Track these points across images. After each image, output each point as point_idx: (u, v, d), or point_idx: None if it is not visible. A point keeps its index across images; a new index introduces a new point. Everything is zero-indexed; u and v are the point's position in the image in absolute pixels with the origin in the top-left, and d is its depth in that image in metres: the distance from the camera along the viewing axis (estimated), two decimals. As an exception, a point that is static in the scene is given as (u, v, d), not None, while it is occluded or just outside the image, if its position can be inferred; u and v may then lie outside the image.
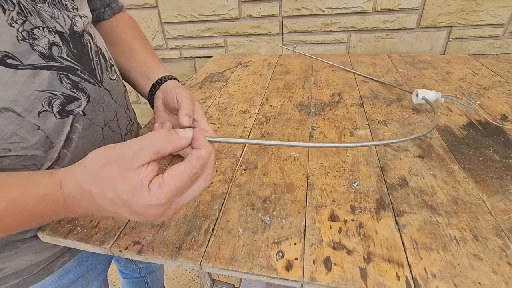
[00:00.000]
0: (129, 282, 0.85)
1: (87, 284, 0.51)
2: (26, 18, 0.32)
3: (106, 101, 0.42)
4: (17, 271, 0.40)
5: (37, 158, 0.35)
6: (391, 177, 0.44)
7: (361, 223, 0.37)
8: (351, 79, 0.80)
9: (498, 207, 0.38)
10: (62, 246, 0.43)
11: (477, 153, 0.48)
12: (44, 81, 0.33)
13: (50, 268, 0.43)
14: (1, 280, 0.39)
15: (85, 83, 0.38)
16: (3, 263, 0.38)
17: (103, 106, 0.42)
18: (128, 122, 0.50)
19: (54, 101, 0.34)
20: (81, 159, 0.28)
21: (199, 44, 1.17)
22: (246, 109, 0.67)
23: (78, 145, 0.39)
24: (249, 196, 0.42)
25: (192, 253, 0.34)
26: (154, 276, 0.86)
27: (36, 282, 0.42)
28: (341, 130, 0.56)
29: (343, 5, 0.96)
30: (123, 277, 0.84)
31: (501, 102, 0.63)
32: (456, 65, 0.85)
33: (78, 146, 0.39)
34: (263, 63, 0.95)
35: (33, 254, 0.40)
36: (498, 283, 0.30)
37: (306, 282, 0.31)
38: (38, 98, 0.33)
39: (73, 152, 0.38)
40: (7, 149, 0.32)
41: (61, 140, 0.36)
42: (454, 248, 0.33)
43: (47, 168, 0.36)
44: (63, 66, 0.35)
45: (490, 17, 0.90)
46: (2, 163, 0.32)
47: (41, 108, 0.33)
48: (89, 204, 0.27)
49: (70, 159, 0.38)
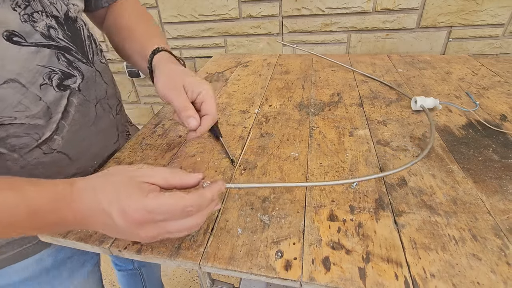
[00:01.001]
0: (124, 275, 0.85)
1: (83, 262, 0.52)
2: (28, 3, 0.36)
3: (97, 81, 0.46)
4: (19, 239, 0.43)
5: (38, 127, 0.38)
6: (390, 177, 0.44)
7: (360, 223, 0.37)
8: (350, 79, 0.80)
9: (497, 207, 0.38)
10: None
11: (476, 153, 0.48)
12: (44, 58, 0.37)
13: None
14: (4, 248, 0.42)
15: (79, 63, 0.42)
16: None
17: (95, 85, 0.46)
18: (118, 103, 0.53)
19: (53, 76, 0.38)
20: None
21: (199, 44, 1.17)
22: (245, 109, 0.67)
23: (75, 118, 0.42)
24: (248, 196, 0.42)
25: (191, 253, 0.34)
26: (149, 269, 0.87)
27: (35, 253, 0.45)
28: (340, 130, 0.56)
29: (343, 5, 0.96)
30: (118, 269, 0.85)
31: (501, 102, 0.63)
32: (455, 65, 0.85)
33: (74, 119, 0.42)
34: (262, 63, 0.95)
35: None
36: (496, 283, 0.30)
37: (305, 281, 0.31)
38: (39, 72, 0.37)
39: (70, 124, 0.41)
40: (13, 117, 0.36)
41: (59, 111, 0.40)
42: (453, 248, 0.33)
43: (47, 138, 0.40)
44: (60, 45, 0.39)
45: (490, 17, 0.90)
46: (9, 130, 0.36)
47: (42, 81, 0.37)
48: (89, 201, 0.28)
49: (68, 130, 0.41)
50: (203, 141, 0.56)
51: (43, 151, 0.39)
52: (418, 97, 0.60)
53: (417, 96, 0.61)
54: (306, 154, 0.50)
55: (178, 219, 0.29)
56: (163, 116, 0.65)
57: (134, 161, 0.51)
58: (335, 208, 0.39)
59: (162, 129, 0.60)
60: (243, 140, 0.55)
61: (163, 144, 0.55)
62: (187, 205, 0.28)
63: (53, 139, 0.40)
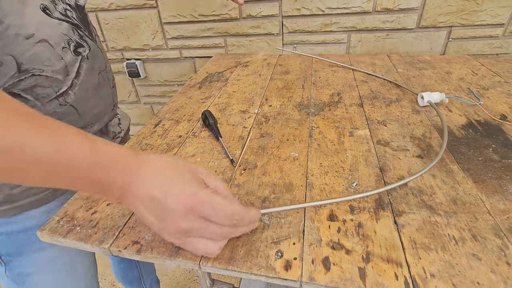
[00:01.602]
0: (118, 260, 0.86)
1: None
2: None
3: (99, 55, 0.56)
4: (35, 189, 0.50)
5: (58, 81, 0.47)
6: (390, 177, 0.44)
7: (360, 223, 0.37)
8: (350, 79, 0.80)
9: (497, 207, 0.38)
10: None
11: (476, 153, 0.48)
12: (64, 29, 0.48)
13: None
14: (20, 195, 0.48)
15: (86, 38, 0.52)
16: None
17: (98, 57, 0.55)
18: (113, 79, 0.62)
19: (71, 43, 0.49)
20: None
21: (199, 44, 1.17)
22: (245, 109, 0.67)
23: (84, 80, 0.51)
24: (248, 196, 0.42)
25: (191, 253, 0.34)
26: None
27: (54, 199, 0.53)
28: (340, 130, 0.56)
29: (343, 5, 0.96)
30: (111, 256, 0.85)
31: (501, 102, 0.63)
32: (455, 65, 0.85)
33: (83, 80, 0.51)
34: (262, 63, 0.95)
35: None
36: (496, 282, 0.30)
37: (305, 282, 0.31)
38: (62, 38, 0.47)
39: (81, 84, 0.51)
40: (42, 70, 0.45)
41: (73, 71, 0.49)
42: (453, 248, 0.33)
43: (63, 91, 0.48)
44: (74, 22, 0.50)
45: (490, 17, 0.90)
46: (37, 80, 0.45)
47: (64, 45, 0.47)
48: (147, 174, 0.29)
49: (79, 88, 0.50)
50: (203, 141, 0.56)
51: (60, 103, 0.48)
52: (424, 93, 0.60)
53: (423, 92, 0.61)
54: (306, 154, 0.50)
55: (220, 223, 0.29)
56: (163, 116, 0.65)
57: (134, 161, 0.51)
58: (335, 208, 0.39)
59: (162, 129, 0.60)
60: (243, 140, 0.55)
61: (163, 144, 0.55)
62: (236, 212, 0.29)
63: (68, 93, 0.49)
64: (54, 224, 0.39)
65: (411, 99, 0.67)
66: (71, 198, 0.43)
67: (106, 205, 0.42)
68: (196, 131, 0.59)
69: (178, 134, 0.58)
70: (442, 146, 0.46)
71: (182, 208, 0.28)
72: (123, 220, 0.39)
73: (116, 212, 0.41)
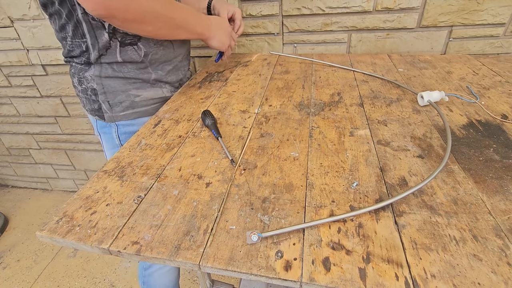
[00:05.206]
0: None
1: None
2: None
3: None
4: (157, 98, 0.74)
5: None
6: (391, 177, 0.44)
7: (360, 223, 0.37)
8: (351, 78, 0.80)
9: (498, 207, 0.38)
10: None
11: (477, 153, 0.48)
12: None
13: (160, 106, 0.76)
14: (143, 102, 0.72)
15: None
16: (156, 90, 0.74)
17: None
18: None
19: None
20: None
21: (199, 44, 1.16)
22: (245, 109, 0.66)
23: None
24: (248, 196, 0.42)
25: (191, 253, 0.34)
26: None
27: (153, 113, 0.69)
28: (340, 130, 0.56)
29: (344, 5, 0.96)
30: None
31: (502, 102, 0.63)
32: (456, 65, 0.84)
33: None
34: (262, 63, 0.95)
35: (168, 92, 0.77)
36: (497, 283, 0.30)
37: (305, 282, 0.31)
38: None
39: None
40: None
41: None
42: (453, 249, 0.33)
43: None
44: None
45: (491, 17, 0.90)
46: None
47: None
48: (213, 19, 0.76)
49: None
50: (202, 141, 0.56)
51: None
52: (424, 93, 0.60)
53: (422, 92, 0.60)
54: (306, 154, 0.50)
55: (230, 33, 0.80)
56: (163, 116, 0.65)
57: (133, 160, 0.51)
58: (335, 209, 0.39)
59: (162, 129, 0.60)
60: (243, 140, 0.55)
61: (163, 144, 0.55)
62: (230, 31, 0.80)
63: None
64: (53, 224, 0.39)
65: (412, 99, 0.66)
66: (71, 198, 0.43)
67: (105, 205, 0.42)
68: (196, 131, 0.59)
69: (178, 134, 0.58)
70: (446, 150, 0.46)
71: (228, 27, 0.79)
72: (122, 220, 0.39)
73: (116, 212, 0.41)
